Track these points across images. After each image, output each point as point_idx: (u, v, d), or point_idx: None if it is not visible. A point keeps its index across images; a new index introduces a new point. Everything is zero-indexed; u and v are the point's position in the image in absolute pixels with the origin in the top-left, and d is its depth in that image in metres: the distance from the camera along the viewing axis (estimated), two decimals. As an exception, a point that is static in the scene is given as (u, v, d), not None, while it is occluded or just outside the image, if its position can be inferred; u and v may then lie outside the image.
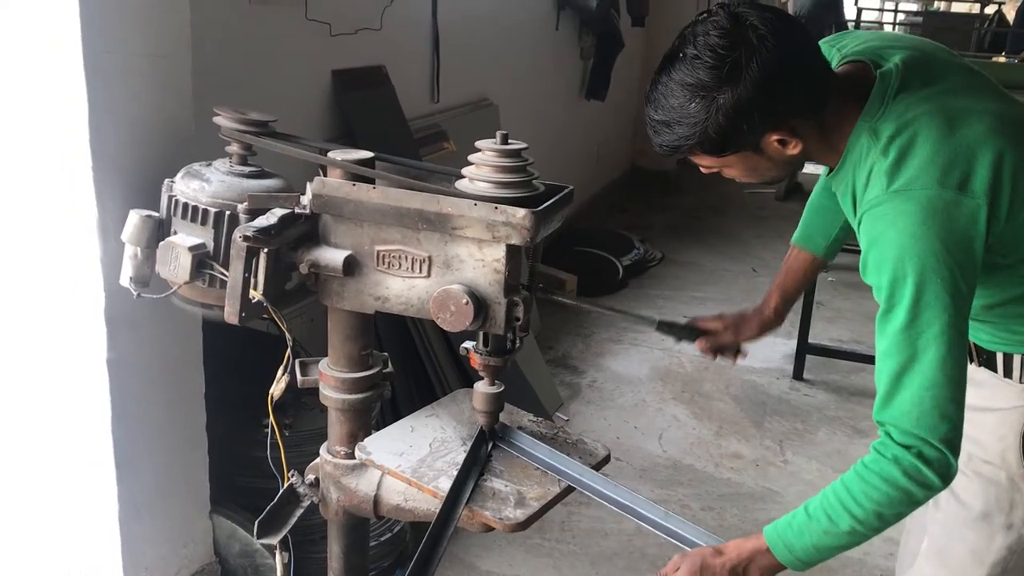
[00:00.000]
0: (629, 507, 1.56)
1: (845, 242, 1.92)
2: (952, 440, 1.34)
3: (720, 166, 1.50)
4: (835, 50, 1.60)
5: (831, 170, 1.55)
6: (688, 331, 1.95)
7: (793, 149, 1.45)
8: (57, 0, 1.75)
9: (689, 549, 1.50)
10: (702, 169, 1.53)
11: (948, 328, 1.32)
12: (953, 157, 1.36)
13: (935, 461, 1.33)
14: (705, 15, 1.41)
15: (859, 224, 1.43)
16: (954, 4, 13.61)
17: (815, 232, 1.93)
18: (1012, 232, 1.41)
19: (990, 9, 10.61)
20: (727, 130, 1.38)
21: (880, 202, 1.38)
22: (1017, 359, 1.57)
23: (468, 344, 1.57)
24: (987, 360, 1.62)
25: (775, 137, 1.42)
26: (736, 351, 2.00)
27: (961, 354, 1.35)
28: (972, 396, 1.63)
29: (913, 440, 1.33)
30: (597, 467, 1.64)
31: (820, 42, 1.65)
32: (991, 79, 1.55)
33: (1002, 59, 8.72)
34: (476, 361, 1.55)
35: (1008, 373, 1.59)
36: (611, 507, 1.54)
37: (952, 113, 1.41)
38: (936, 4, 14.10)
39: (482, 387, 1.57)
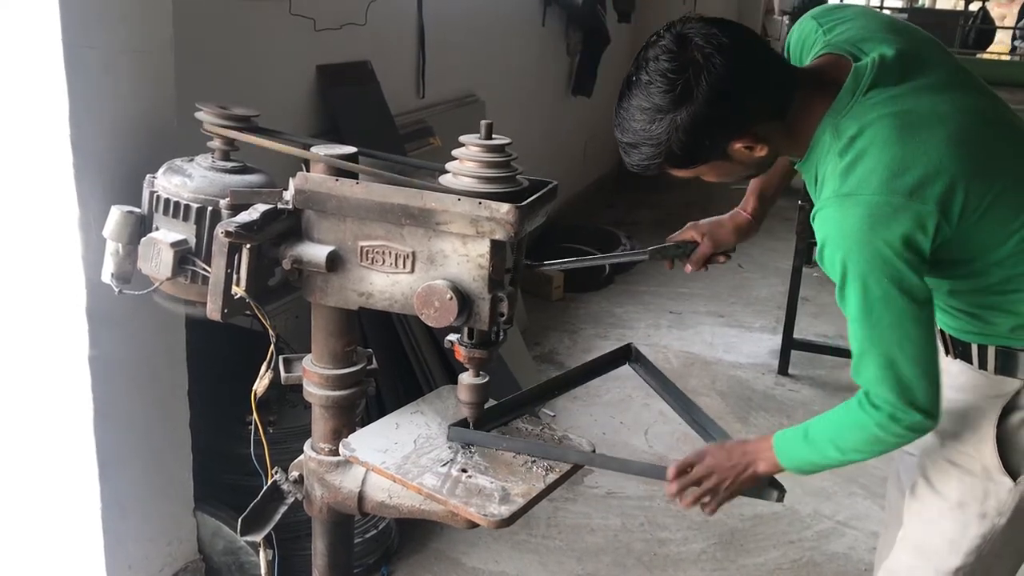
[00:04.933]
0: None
1: None
2: (918, 401, 1.43)
3: (693, 175, 1.56)
4: (821, 31, 1.60)
5: (798, 163, 1.58)
6: (675, 249, 1.94)
7: (760, 152, 1.50)
8: (37, -6, 1.74)
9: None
10: (679, 176, 1.57)
11: (901, 317, 1.41)
12: (907, 166, 1.39)
13: (903, 419, 1.45)
14: (654, 38, 1.45)
15: (813, 219, 1.48)
16: (938, 1, 13.67)
17: None
18: (964, 233, 1.44)
19: (974, 6, 10.67)
20: (690, 146, 1.44)
21: (829, 204, 1.43)
22: (991, 350, 1.58)
23: (453, 337, 1.56)
24: (962, 352, 1.64)
25: (740, 144, 1.47)
26: (722, 254, 1.96)
27: (920, 333, 1.43)
28: (947, 388, 1.65)
29: (883, 403, 1.45)
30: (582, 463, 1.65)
31: (808, 16, 1.66)
32: (975, 75, 1.56)
33: (987, 55, 8.79)
34: (461, 354, 1.54)
35: (983, 365, 1.60)
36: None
37: (916, 116, 1.43)
38: (921, 0, 14.16)
39: (467, 379, 1.57)
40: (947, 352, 1.68)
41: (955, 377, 1.65)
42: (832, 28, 1.59)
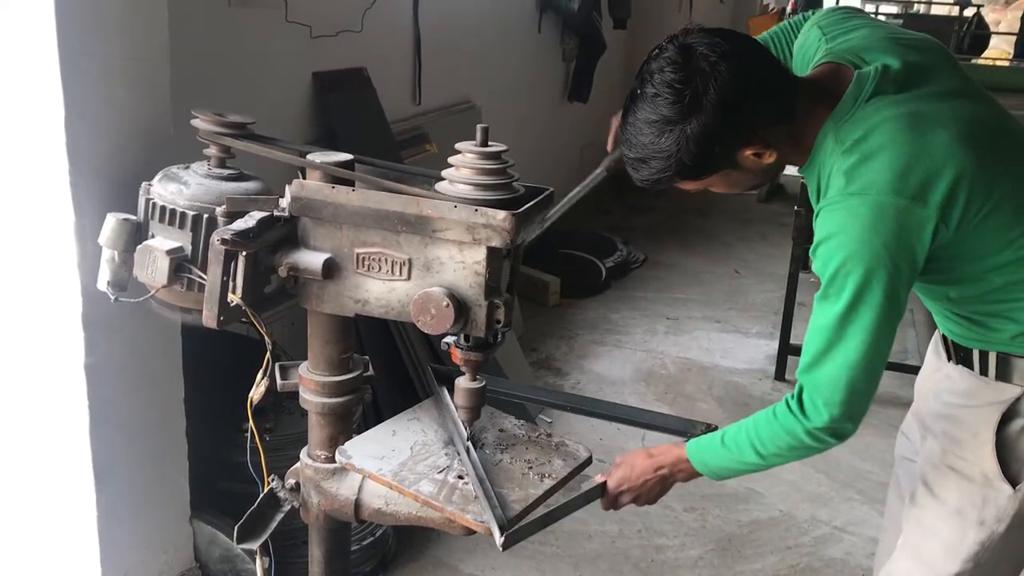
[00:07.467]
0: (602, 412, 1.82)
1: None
2: (855, 414, 1.48)
3: (703, 187, 1.56)
4: (824, 39, 1.61)
5: (800, 168, 1.58)
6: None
7: (769, 158, 1.49)
8: (33, 2, 1.74)
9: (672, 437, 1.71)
10: (687, 189, 1.57)
11: (878, 323, 1.42)
12: (913, 165, 1.40)
13: (836, 429, 1.49)
14: (657, 51, 1.45)
15: (816, 217, 1.48)
16: (933, 7, 13.71)
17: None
18: (962, 238, 1.45)
19: (969, 12, 10.71)
20: (701, 156, 1.43)
21: (835, 201, 1.43)
22: (992, 357, 1.59)
23: (449, 339, 1.56)
24: (963, 358, 1.64)
25: (749, 152, 1.47)
26: None
27: (884, 347, 1.46)
28: (947, 393, 1.65)
29: (822, 409, 1.47)
30: (579, 469, 1.64)
31: (813, 24, 1.66)
32: (978, 86, 1.57)
33: (982, 61, 8.80)
34: (457, 356, 1.54)
35: (984, 371, 1.60)
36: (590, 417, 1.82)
37: (920, 119, 1.43)
38: (916, 6, 14.20)
39: (463, 383, 1.57)
40: (948, 358, 1.69)
41: (955, 382, 1.65)
42: (835, 37, 1.59)
